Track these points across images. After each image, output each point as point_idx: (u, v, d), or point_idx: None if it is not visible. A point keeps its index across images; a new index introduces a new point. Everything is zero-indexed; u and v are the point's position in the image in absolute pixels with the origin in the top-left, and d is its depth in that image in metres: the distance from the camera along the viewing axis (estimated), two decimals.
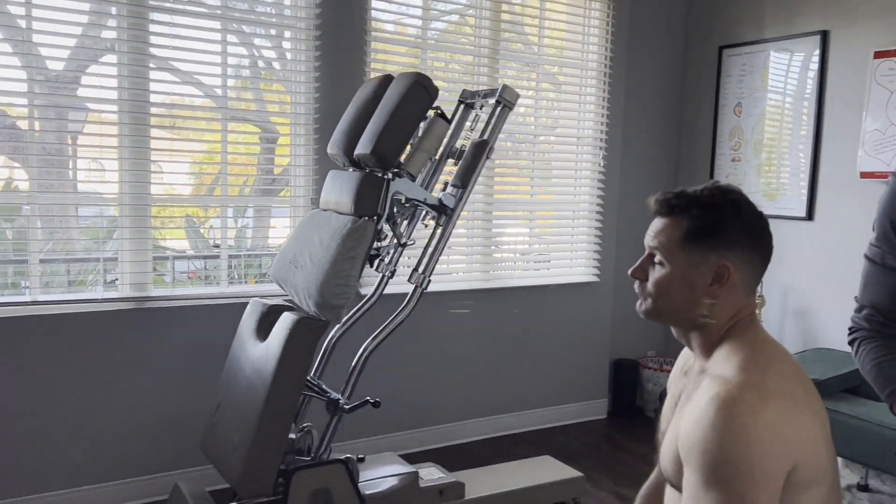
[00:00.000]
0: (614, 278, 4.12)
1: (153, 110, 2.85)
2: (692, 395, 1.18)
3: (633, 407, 4.17)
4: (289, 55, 3.18)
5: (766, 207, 3.72)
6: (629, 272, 1.30)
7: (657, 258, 1.24)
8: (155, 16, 2.83)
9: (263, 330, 2.32)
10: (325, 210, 2.45)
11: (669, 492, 1.26)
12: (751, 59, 3.86)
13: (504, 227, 3.78)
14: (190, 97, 3.04)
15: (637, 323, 4.28)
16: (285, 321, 2.19)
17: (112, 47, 2.82)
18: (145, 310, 2.86)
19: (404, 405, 3.47)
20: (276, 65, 3.32)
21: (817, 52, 3.53)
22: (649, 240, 1.26)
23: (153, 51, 2.83)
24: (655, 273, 1.24)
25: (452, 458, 3.43)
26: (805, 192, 3.61)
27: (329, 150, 2.50)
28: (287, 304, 2.43)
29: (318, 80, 3.13)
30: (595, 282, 4.01)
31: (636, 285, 1.28)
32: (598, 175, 3.96)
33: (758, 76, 3.83)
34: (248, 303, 2.51)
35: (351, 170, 2.44)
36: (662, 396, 3.97)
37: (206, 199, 3.27)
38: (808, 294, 3.61)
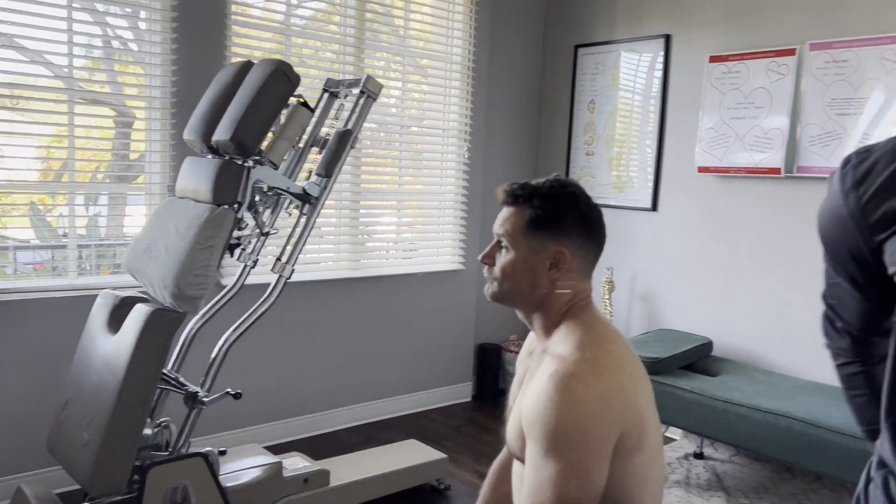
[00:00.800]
0: (478, 266, 4.26)
1: None
2: (535, 373, 1.27)
3: (496, 389, 4.34)
4: (145, 36, 3.04)
5: (615, 199, 4.00)
6: (479, 258, 1.38)
7: (503, 243, 1.33)
8: None
9: (115, 322, 2.22)
10: (181, 198, 2.37)
11: (516, 465, 1.35)
12: (603, 58, 4.10)
13: (372, 216, 3.81)
14: (35, 77, 2.85)
15: (500, 308, 4.44)
16: (138, 313, 2.11)
17: None
18: None
19: (270, 396, 3.43)
20: (133, 46, 3.16)
21: (662, 54, 3.80)
22: (497, 227, 1.35)
23: None
24: (502, 258, 1.33)
25: (319, 447, 3.43)
26: (651, 184, 3.89)
27: (186, 136, 2.43)
28: (141, 295, 2.34)
29: (175, 62, 3.02)
30: (460, 270, 4.13)
31: (485, 270, 1.36)
32: (463, 166, 4.08)
33: (609, 75, 4.07)
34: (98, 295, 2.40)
35: (209, 156, 2.38)
36: None
37: (53, 186, 3.07)
38: (653, 279, 3.90)
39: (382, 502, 2.88)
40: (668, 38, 3.78)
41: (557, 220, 1.29)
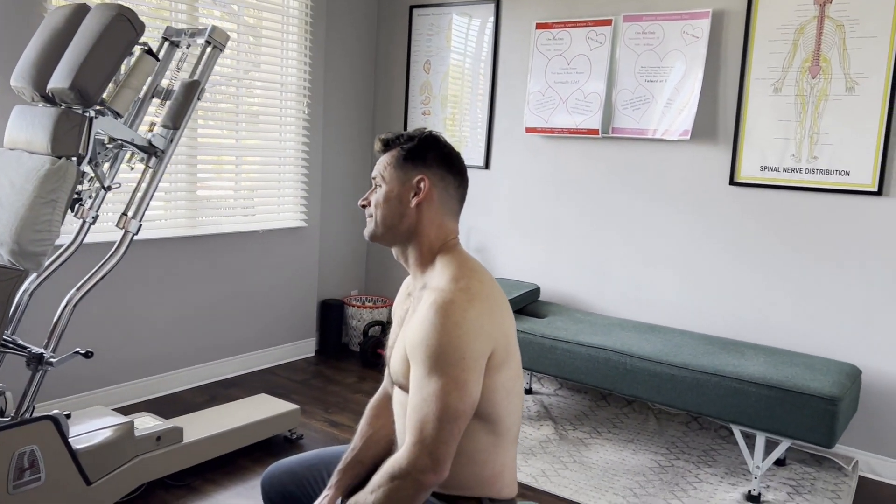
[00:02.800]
0: (320, 223, 4.30)
1: None
2: (417, 307, 1.41)
3: (339, 344, 4.44)
4: None
5: None
6: (359, 202, 1.53)
7: (377, 181, 1.50)
8: None
9: None
10: (11, 149, 2.21)
11: (399, 395, 1.48)
12: (437, 20, 4.24)
13: (209, 171, 3.71)
14: None
15: (342, 265, 4.53)
16: None
17: None
18: None
19: (109, 358, 3.29)
20: None
21: (492, 19, 4.02)
22: (373, 172, 1.51)
23: None
24: (375, 194, 1.50)
25: (165, 408, 3.36)
26: (483, 144, 4.13)
27: (13, 83, 2.25)
28: None
29: None
30: (302, 227, 4.15)
31: (366, 213, 1.50)
32: (303, 122, 4.07)
33: (443, 37, 4.23)
34: None
35: (42, 105, 2.23)
36: (366, 331, 4.28)
37: None
38: (486, 233, 4.17)
39: (237, 455, 2.91)
40: (497, 4, 3.99)
41: (421, 155, 1.48)
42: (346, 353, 4.41)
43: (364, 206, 1.52)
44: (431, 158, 1.48)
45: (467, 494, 1.42)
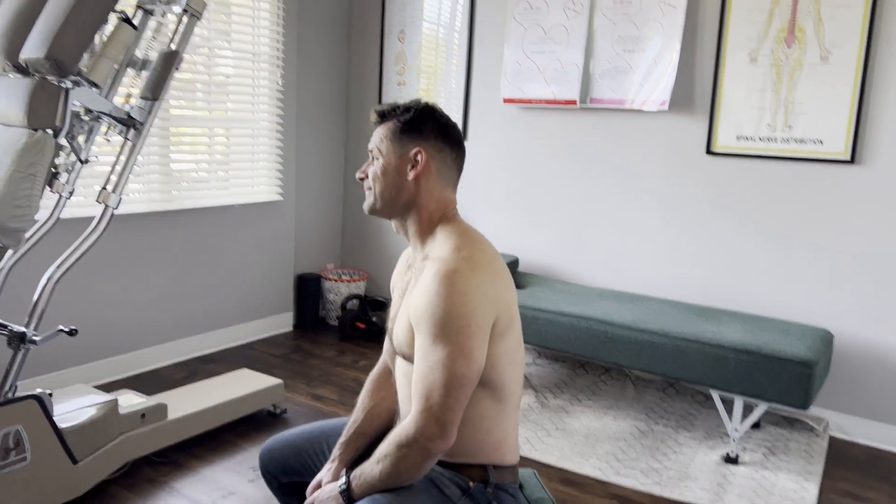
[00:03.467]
0: (295, 196, 4.25)
1: None
2: (420, 278, 1.40)
3: (316, 317, 4.42)
4: None
5: None
6: (357, 176, 1.51)
7: (374, 154, 1.48)
8: None
9: None
10: None
11: (401, 366, 1.48)
12: None
13: (182, 143, 3.63)
14: None
15: (317, 239, 4.50)
16: None
17: None
18: None
19: (86, 335, 3.23)
20: None
21: None
22: (370, 144, 1.49)
23: None
24: (373, 167, 1.49)
25: (145, 384, 3.32)
26: (460, 115, 4.10)
27: None
28: None
29: None
30: (278, 201, 4.10)
31: (364, 186, 1.48)
32: (277, 93, 4.00)
33: (418, 5, 4.17)
34: None
35: (13, 75, 2.15)
36: (344, 305, 4.27)
37: None
38: (464, 204, 4.16)
39: (221, 431, 2.90)
40: None
41: (417, 127, 1.47)
42: (324, 326, 4.39)
43: (362, 180, 1.50)
44: (428, 130, 1.47)
45: (472, 461, 1.43)
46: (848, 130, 3.05)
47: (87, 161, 2.31)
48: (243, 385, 3.00)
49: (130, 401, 2.57)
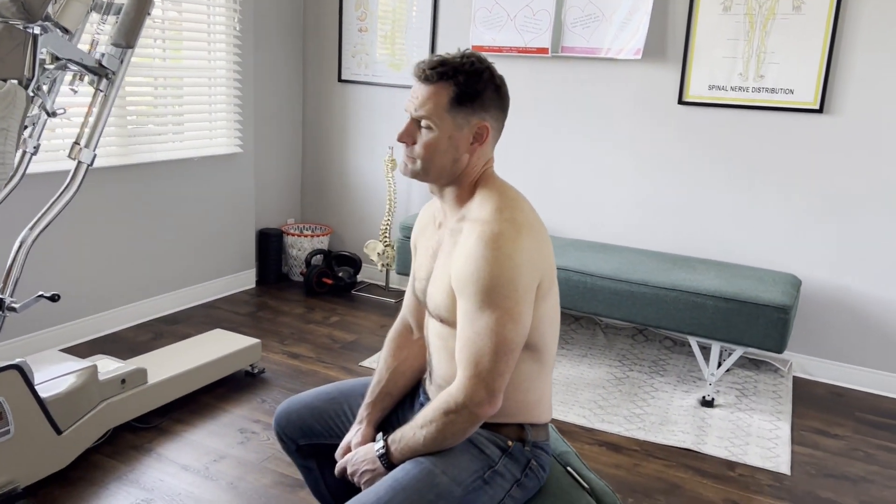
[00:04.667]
0: (254, 148, 4.09)
1: None
2: (458, 240, 1.35)
3: (279, 273, 4.31)
4: None
5: (391, 78, 4.06)
6: (397, 138, 1.39)
7: (424, 123, 1.35)
8: None
9: None
10: None
11: (435, 327, 1.43)
12: None
13: (138, 95, 3.41)
14: None
15: (278, 193, 4.36)
16: None
17: None
18: None
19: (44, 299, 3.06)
20: None
21: None
22: (416, 108, 1.35)
23: None
24: (423, 137, 1.35)
25: (110, 348, 3.19)
26: None
27: None
28: None
29: None
30: (237, 153, 3.93)
31: (404, 149, 1.39)
32: (234, 40, 3.79)
33: None
34: None
35: None
36: (308, 260, 4.17)
37: None
38: None
39: (199, 394, 2.81)
40: None
41: (479, 95, 1.34)
42: (288, 283, 4.29)
43: (403, 142, 1.38)
44: (488, 98, 1.34)
45: (510, 421, 1.42)
46: (818, 80, 3.11)
47: (55, 114, 2.14)
48: (220, 346, 2.91)
49: (108, 366, 2.46)
